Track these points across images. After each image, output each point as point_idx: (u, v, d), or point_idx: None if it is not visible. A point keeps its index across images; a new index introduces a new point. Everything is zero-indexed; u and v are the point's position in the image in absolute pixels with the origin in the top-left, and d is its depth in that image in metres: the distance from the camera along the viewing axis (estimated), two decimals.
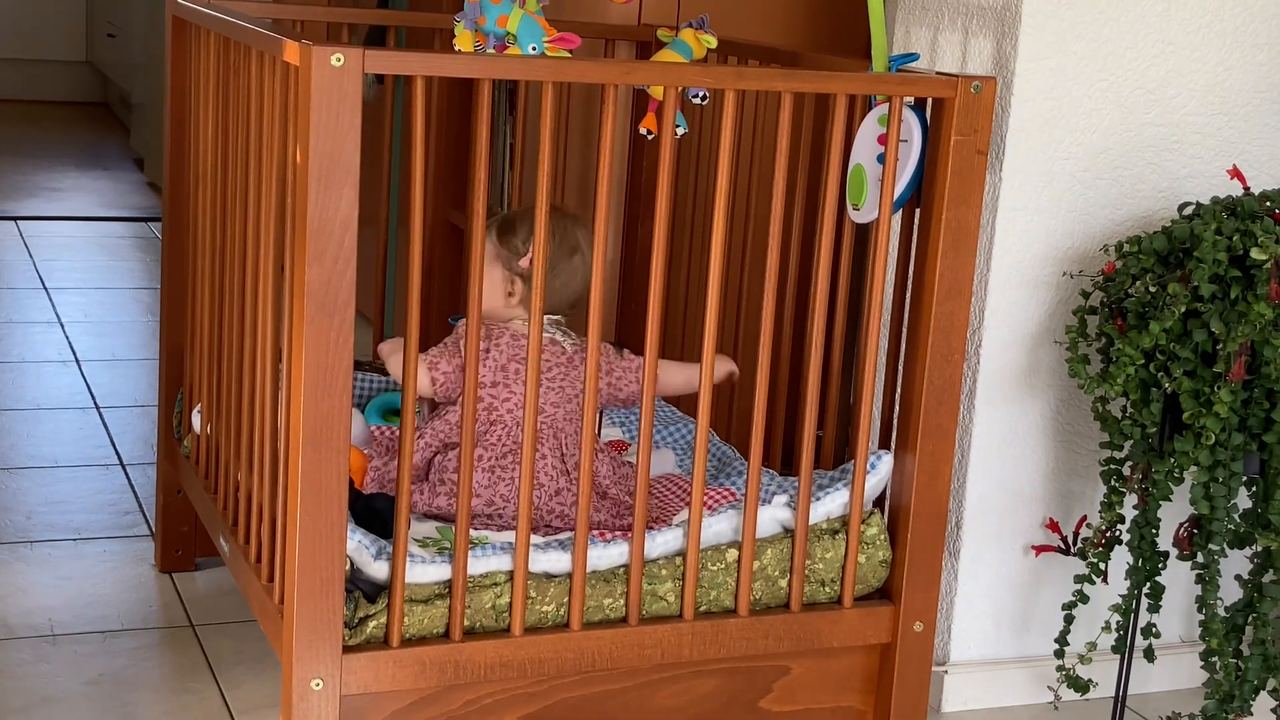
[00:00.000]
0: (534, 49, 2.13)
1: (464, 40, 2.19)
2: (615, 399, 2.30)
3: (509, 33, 2.14)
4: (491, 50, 2.17)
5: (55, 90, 7.82)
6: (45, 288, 4.47)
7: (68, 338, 4.00)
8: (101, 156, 6.56)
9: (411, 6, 3.74)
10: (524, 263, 2.19)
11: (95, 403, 3.52)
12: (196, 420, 2.41)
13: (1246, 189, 2.18)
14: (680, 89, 2.15)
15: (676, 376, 2.35)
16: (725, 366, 2.34)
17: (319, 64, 1.70)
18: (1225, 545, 2.11)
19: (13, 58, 7.67)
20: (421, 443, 2.18)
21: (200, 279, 2.38)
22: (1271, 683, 2.16)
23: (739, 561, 2.02)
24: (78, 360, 3.82)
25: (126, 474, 3.11)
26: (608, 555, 1.99)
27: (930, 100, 2.02)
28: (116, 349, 3.94)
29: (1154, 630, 2.26)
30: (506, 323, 2.21)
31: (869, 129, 2.11)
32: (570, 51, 2.14)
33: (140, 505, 2.96)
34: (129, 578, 2.66)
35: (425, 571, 1.91)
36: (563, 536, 2.05)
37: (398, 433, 2.36)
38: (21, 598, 2.56)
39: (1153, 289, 2.08)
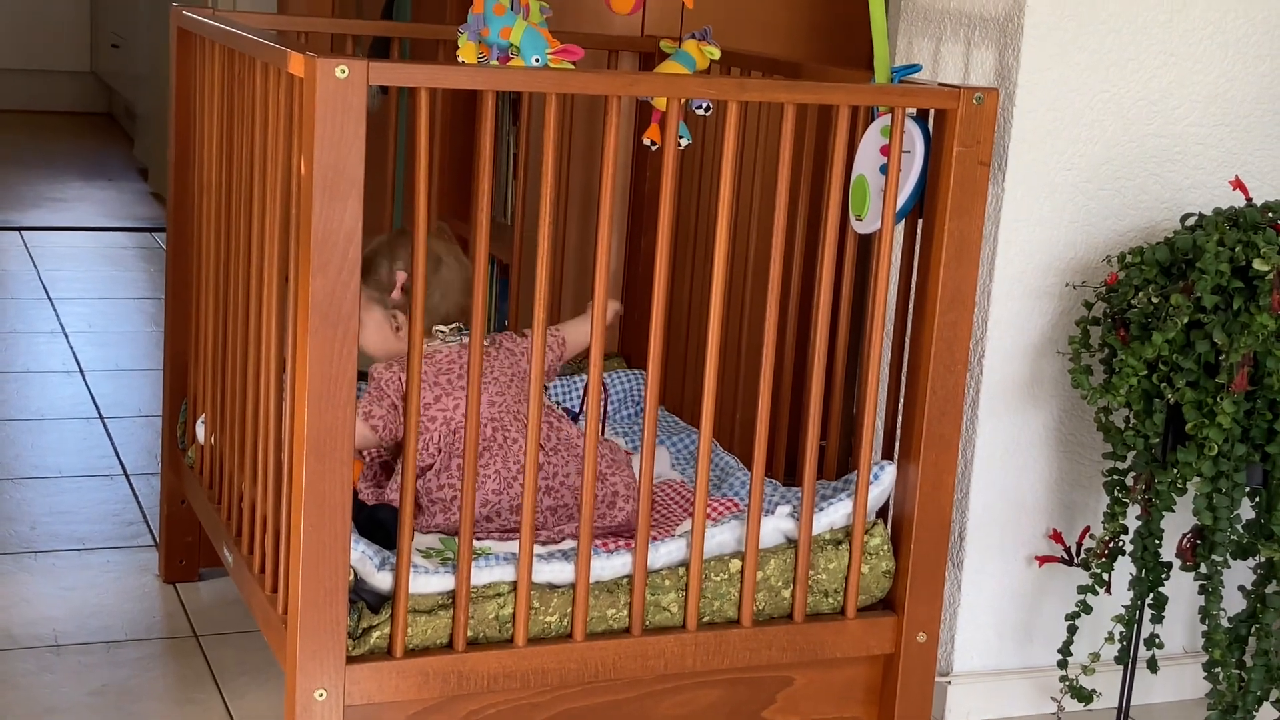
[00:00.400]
0: (537, 61, 2.13)
1: (468, 52, 2.20)
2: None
3: (512, 44, 2.15)
4: (495, 62, 2.18)
5: (59, 101, 7.83)
6: (49, 298, 4.47)
7: (72, 348, 4.00)
8: (106, 167, 6.57)
9: (415, 18, 3.75)
10: (395, 295, 2.23)
11: (99, 413, 3.52)
12: (200, 430, 2.41)
13: (1249, 200, 2.18)
14: (683, 100, 2.15)
15: (578, 331, 2.42)
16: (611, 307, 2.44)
17: (324, 75, 1.71)
18: (1228, 556, 2.11)
19: (17, 68, 7.68)
20: (398, 480, 2.19)
21: (204, 289, 2.38)
22: (1275, 693, 2.16)
23: (742, 572, 2.03)
24: (82, 370, 3.82)
25: (130, 484, 3.12)
26: (610, 566, 1.99)
27: (932, 111, 2.02)
28: (120, 359, 3.95)
29: (1157, 641, 2.26)
30: None
31: (871, 140, 2.12)
32: (573, 63, 2.14)
33: (144, 515, 2.96)
34: (133, 588, 2.66)
35: (428, 582, 1.91)
36: (565, 546, 2.06)
37: (378, 454, 2.38)
38: (26, 608, 2.57)
39: (1155, 300, 2.09)
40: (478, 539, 2.11)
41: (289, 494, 1.88)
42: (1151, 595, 2.22)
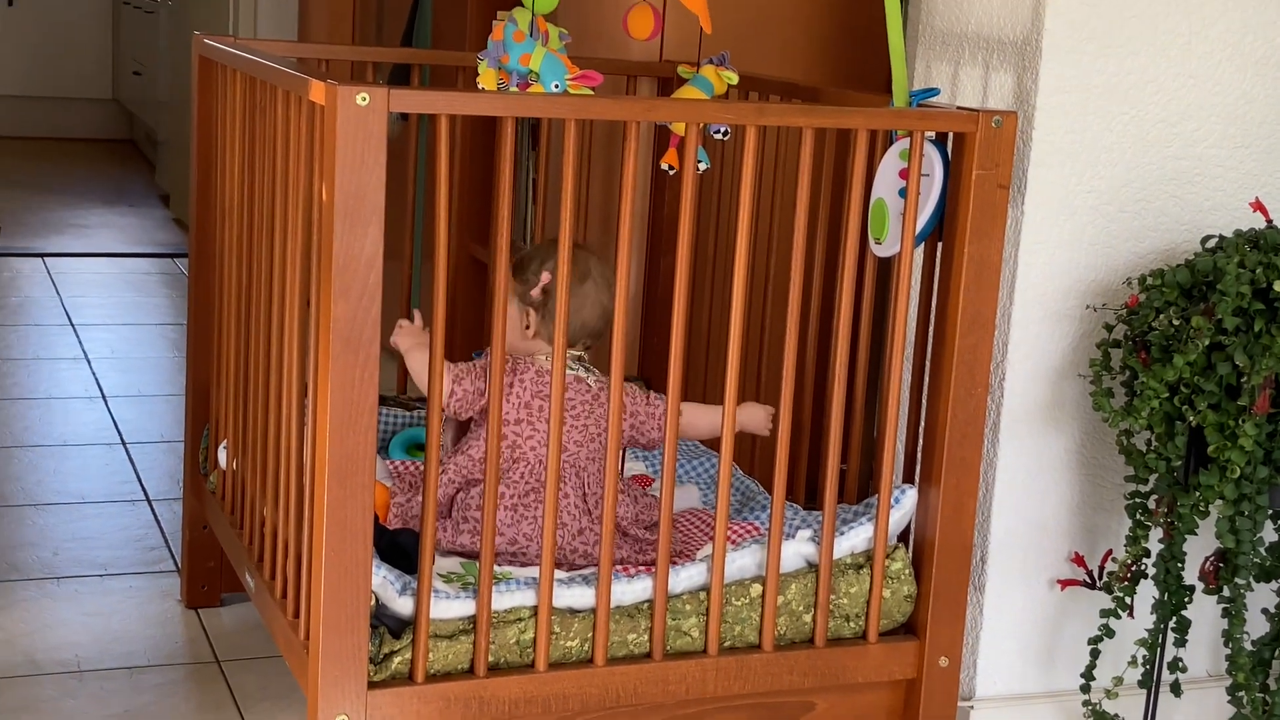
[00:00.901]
0: (557, 86, 2.14)
1: (487, 78, 2.21)
2: (636, 441, 2.29)
3: (532, 70, 2.15)
4: (514, 88, 2.19)
5: (82, 128, 7.88)
6: (72, 324, 4.49)
7: (94, 374, 4.02)
8: (127, 193, 6.60)
9: (435, 45, 3.77)
10: (535, 292, 2.20)
11: (122, 439, 3.53)
12: (222, 456, 2.42)
13: (1269, 222, 2.18)
14: (702, 125, 2.16)
15: (703, 420, 2.31)
16: (763, 412, 2.33)
17: (344, 103, 1.72)
18: (1251, 579, 2.11)
19: (40, 96, 7.73)
20: (444, 479, 2.18)
21: (226, 315, 2.39)
22: None
23: (763, 596, 2.02)
24: (104, 396, 3.84)
25: (153, 509, 3.13)
26: (631, 590, 1.99)
27: (951, 134, 2.02)
28: (143, 385, 3.96)
29: (1180, 664, 2.25)
30: (530, 357, 2.21)
31: (890, 163, 2.12)
32: (592, 88, 2.15)
33: (166, 541, 2.97)
34: (155, 613, 2.67)
35: (449, 607, 1.91)
36: (586, 571, 2.06)
37: (420, 468, 2.38)
38: (48, 633, 2.57)
39: (1176, 322, 2.08)
40: (498, 565, 2.11)
41: (311, 519, 1.88)
42: (1174, 619, 2.21)
